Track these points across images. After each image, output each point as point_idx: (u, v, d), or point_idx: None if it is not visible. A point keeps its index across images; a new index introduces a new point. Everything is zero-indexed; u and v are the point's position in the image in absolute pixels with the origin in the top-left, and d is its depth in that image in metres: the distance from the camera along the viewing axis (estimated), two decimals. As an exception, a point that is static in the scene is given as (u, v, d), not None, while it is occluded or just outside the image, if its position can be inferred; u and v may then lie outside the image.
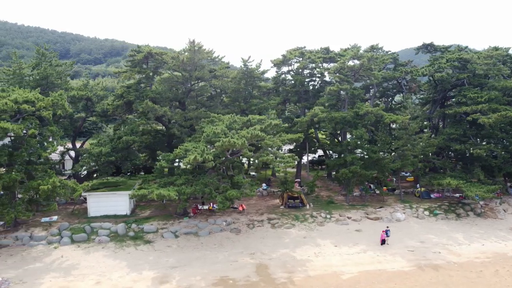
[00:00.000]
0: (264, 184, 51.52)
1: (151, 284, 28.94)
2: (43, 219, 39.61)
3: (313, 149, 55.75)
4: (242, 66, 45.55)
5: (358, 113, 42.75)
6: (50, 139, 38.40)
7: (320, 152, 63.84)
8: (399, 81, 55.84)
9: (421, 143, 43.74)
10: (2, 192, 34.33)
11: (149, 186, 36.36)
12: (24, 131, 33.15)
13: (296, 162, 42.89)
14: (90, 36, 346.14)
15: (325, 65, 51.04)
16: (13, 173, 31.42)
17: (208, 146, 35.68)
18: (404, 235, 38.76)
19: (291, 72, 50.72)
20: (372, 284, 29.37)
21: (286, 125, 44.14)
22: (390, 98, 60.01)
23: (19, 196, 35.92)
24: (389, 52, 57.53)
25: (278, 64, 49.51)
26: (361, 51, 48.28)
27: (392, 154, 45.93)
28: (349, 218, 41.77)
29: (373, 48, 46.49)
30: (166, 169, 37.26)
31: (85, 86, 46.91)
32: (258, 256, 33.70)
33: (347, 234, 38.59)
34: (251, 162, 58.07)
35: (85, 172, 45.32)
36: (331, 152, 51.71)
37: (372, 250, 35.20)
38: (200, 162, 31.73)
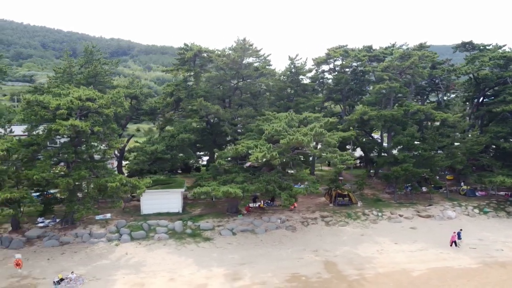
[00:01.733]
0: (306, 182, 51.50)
1: (225, 281, 29.00)
2: (97, 217, 39.68)
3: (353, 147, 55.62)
4: (289, 64, 45.60)
5: (407, 111, 42.78)
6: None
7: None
8: (436, 79, 55.79)
9: (469, 141, 43.74)
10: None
11: (209, 183, 36.46)
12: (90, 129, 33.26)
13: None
14: (95, 36, 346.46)
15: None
16: (82, 170, 31.50)
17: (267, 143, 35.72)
18: (460, 233, 38.77)
19: (332, 71, 50.74)
20: (444, 280, 29.39)
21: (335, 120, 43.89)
22: (425, 97, 59.97)
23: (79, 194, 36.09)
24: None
25: (320, 62, 49.55)
26: (401, 50, 48.26)
27: (439, 152, 45.91)
28: (400, 216, 41.79)
29: (422, 46, 46.48)
30: (225, 167, 37.13)
31: (131, 84, 46.98)
32: (322, 253, 33.74)
33: (403, 232, 38.61)
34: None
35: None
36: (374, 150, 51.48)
37: (432, 247, 35.17)
38: (267, 159, 31.77)
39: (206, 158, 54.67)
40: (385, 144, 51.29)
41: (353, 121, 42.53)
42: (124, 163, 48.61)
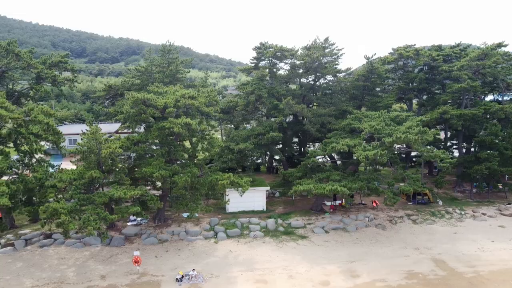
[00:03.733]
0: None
1: (345, 278, 29.06)
2: (185, 215, 39.90)
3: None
4: (366, 63, 45.68)
5: (487, 110, 42.97)
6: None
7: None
8: (497, 79, 55.80)
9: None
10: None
11: (303, 181, 36.62)
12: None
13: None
14: (104, 35, 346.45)
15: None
16: (193, 168, 31.64)
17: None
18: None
19: (401, 70, 50.72)
20: None
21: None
22: (483, 97, 59.98)
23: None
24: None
25: (389, 62, 49.70)
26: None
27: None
28: (483, 214, 41.91)
29: (500, 45, 46.53)
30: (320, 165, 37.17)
31: (204, 82, 47.16)
32: (425, 251, 33.80)
33: (493, 230, 38.67)
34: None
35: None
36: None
37: (533, 245, 35.34)
38: (374, 158, 31.87)
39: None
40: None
41: (432, 120, 42.66)
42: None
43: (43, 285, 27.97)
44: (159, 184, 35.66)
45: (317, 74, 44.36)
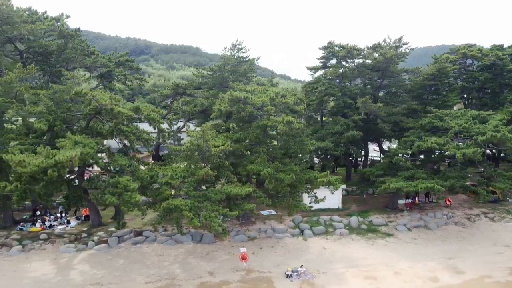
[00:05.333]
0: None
1: (450, 274, 29.18)
2: (263, 212, 40.30)
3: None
4: (434, 63, 46.02)
5: None
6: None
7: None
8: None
9: None
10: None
11: (387, 179, 36.97)
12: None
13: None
14: (111, 35, 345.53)
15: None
16: (292, 165, 31.95)
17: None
18: None
19: (463, 70, 51.05)
20: None
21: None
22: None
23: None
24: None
25: (451, 61, 50.05)
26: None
27: None
28: (558, 211, 42.42)
29: None
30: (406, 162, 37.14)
31: (271, 81, 47.48)
32: (518, 249, 34.28)
33: None
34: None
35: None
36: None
37: None
38: (474, 155, 32.17)
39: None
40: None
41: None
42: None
43: (156, 281, 28.27)
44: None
45: (385, 72, 44.71)
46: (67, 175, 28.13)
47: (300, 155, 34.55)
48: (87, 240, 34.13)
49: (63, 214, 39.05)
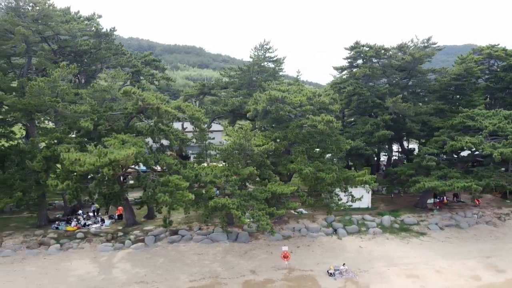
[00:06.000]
0: None
1: (492, 273, 29.23)
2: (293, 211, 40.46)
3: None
4: (460, 62, 46.16)
5: None
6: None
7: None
8: None
9: None
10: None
11: (420, 178, 37.16)
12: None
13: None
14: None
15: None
16: (331, 164, 32.15)
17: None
18: None
19: (487, 70, 51.28)
20: None
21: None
22: None
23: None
24: None
25: (476, 61, 50.22)
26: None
27: None
28: None
29: None
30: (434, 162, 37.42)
31: (297, 81, 47.63)
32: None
33: None
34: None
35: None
36: None
37: None
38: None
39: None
40: None
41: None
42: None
43: (200, 280, 28.43)
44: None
45: (411, 72, 44.96)
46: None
47: (335, 155, 34.66)
48: (123, 239, 34.29)
49: (96, 213, 39.24)
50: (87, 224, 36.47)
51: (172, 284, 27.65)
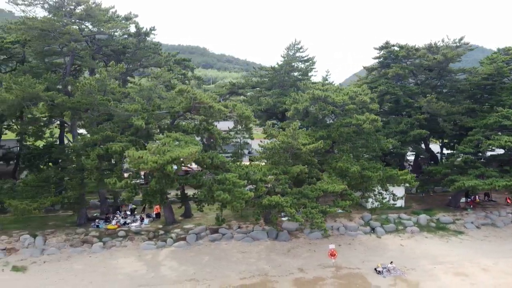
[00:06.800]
0: None
1: (539, 271, 29.92)
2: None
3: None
4: (491, 62, 46.31)
5: None
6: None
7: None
8: None
9: None
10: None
11: (458, 177, 37.38)
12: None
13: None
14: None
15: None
16: (375, 163, 32.35)
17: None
18: None
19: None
20: None
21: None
22: None
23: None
24: None
25: (504, 61, 50.55)
26: None
27: None
28: None
29: None
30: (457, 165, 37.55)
31: (325, 80, 47.90)
32: None
33: None
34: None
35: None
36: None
37: None
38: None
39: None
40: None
41: None
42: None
43: (250, 277, 28.58)
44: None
45: (441, 72, 45.24)
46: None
47: (375, 154, 34.88)
48: (165, 237, 34.46)
49: (132, 212, 39.43)
50: (127, 222, 36.62)
51: (223, 282, 27.79)
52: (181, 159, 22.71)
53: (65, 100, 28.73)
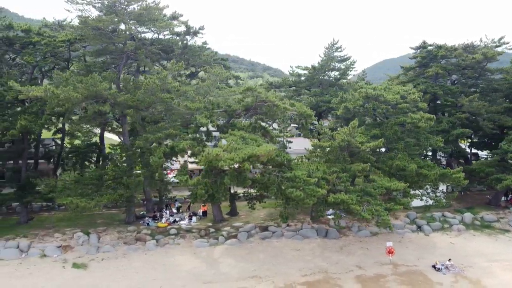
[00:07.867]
0: None
1: None
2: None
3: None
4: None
5: None
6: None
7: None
8: None
9: None
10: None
11: (503, 176, 37.66)
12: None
13: None
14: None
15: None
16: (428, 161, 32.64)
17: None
18: None
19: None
20: None
21: None
22: None
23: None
24: None
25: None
26: None
27: None
28: None
29: None
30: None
31: (362, 80, 48.27)
32: None
33: None
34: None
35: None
36: None
37: None
38: None
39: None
40: None
41: None
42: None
43: (311, 275, 28.83)
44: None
45: (480, 71, 45.55)
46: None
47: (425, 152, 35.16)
48: (216, 235, 34.70)
49: (178, 211, 39.72)
50: (176, 220, 36.86)
51: (286, 279, 28.04)
52: (258, 157, 22.92)
53: (126, 99, 28.96)
